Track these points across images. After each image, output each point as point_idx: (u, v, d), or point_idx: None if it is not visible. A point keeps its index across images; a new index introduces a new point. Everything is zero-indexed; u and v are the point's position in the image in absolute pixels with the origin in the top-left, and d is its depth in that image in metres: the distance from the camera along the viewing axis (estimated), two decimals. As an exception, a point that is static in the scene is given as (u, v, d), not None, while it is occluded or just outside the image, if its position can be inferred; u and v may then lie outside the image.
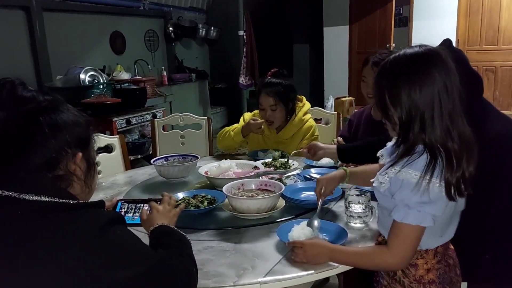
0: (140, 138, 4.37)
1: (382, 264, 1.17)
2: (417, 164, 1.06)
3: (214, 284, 1.14)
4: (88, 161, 1.04)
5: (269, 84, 2.32)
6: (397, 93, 1.09)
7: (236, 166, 1.89)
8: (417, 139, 1.08)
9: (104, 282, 0.85)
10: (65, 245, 0.84)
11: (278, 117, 2.35)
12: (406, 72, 1.09)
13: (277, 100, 2.30)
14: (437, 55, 1.10)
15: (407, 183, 1.06)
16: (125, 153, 2.45)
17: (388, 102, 1.12)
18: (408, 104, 1.08)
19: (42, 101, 0.97)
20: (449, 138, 1.07)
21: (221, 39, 7.15)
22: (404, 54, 1.12)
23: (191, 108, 5.75)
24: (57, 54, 4.55)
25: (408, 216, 1.07)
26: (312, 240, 1.24)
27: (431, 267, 1.17)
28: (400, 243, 1.10)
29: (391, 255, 1.11)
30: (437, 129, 1.06)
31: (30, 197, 0.88)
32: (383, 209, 1.21)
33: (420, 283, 1.18)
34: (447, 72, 1.08)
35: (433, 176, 1.04)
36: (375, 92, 1.18)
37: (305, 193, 1.67)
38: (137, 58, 5.70)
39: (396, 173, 1.09)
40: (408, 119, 1.09)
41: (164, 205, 1.30)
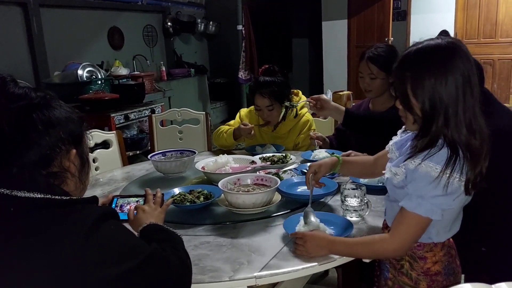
0: (139, 134, 4.37)
1: (380, 250, 1.17)
2: (438, 157, 1.06)
3: (210, 279, 1.14)
4: (82, 158, 1.04)
5: (263, 84, 2.28)
6: (422, 85, 1.07)
7: (233, 161, 1.89)
8: (440, 133, 1.07)
9: (98, 277, 0.85)
10: (58, 241, 0.84)
11: (275, 115, 2.35)
12: (431, 63, 1.08)
13: (273, 100, 2.28)
14: (459, 47, 1.09)
15: (427, 175, 1.06)
16: (123, 149, 2.45)
17: (411, 94, 1.10)
18: (433, 95, 1.07)
19: (34, 97, 0.97)
20: (471, 135, 1.06)
21: (220, 33, 7.12)
22: (427, 45, 1.11)
23: (190, 103, 5.74)
24: (55, 50, 4.54)
25: (420, 207, 1.07)
26: (312, 232, 1.25)
27: (438, 260, 1.18)
28: (403, 231, 1.11)
29: (392, 241, 1.12)
30: (462, 124, 1.06)
31: (23, 194, 0.88)
32: (393, 202, 1.20)
33: (427, 275, 1.18)
34: (470, 64, 1.07)
35: (454, 171, 1.04)
36: (396, 84, 1.17)
37: (301, 187, 1.67)
38: (135, 54, 5.68)
39: (416, 165, 1.08)
40: (432, 111, 1.07)
41: (149, 204, 1.30)
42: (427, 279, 1.18)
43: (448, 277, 1.19)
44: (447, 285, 1.18)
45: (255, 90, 2.31)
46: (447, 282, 1.18)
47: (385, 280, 1.27)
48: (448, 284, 1.18)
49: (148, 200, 1.32)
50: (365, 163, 1.50)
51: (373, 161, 1.46)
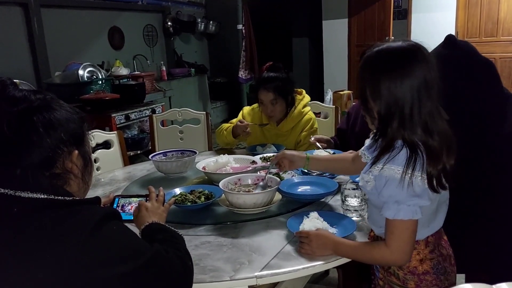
0: (139, 134, 4.37)
1: (382, 260, 1.18)
2: (398, 159, 1.07)
3: (211, 278, 1.15)
4: (85, 158, 1.04)
5: (267, 79, 2.32)
6: (377, 87, 1.09)
7: (233, 161, 1.90)
8: (396, 135, 1.09)
9: (100, 277, 0.85)
10: (61, 241, 0.85)
11: (278, 110, 2.36)
12: (387, 66, 1.10)
13: (277, 95, 2.31)
14: (419, 51, 1.10)
15: (392, 179, 1.07)
16: (124, 149, 2.46)
17: (369, 95, 1.12)
18: (387, 98, 1.08)
19: (34, 100, 0.97)
20: (428, 136, 1.08)
21: (220, 33, 7.13)
22: (387, 48, 1.12)
23: (191, 103, 5.75)
24: (56, 50, 4.55)
25: (399, 212, 1.08)
26: (317, 231, 1.26)
27: (423, 258, 1.18)
28: (396, 239, 1.11)
29: (390, 252, 1.12)
30: (417, 126, 1.07)
31: (26, 194, 0.89)
32: (371, 205, 1.22)
33: (414, 275, 1.18)
34: (428, 68, 1.08)
35: (415, 170, 1.05)
36: (358, 85, 1.19)
37: (301, 187, 1.67)
38: (136, 54, 5.68)
39: (379, 170, 1.09)
40: (387, 113, 1.09)
41: (152, 202, 1.31)
42: (414, 278, 1.19)
43: (438, 277, 1.19)
44: (437, 284, 1.18)
45: (260, 85, 2.34)
46: (437, 282, 1.18)
47: (377, 280, 1.28)
48: (439, 284, 1.19)
49: (151, 198, 1.33)
50: (341, 160, 1.54)
51: (351, 159, 1.49)
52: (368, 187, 1.14)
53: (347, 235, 1.29)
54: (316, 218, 1.37)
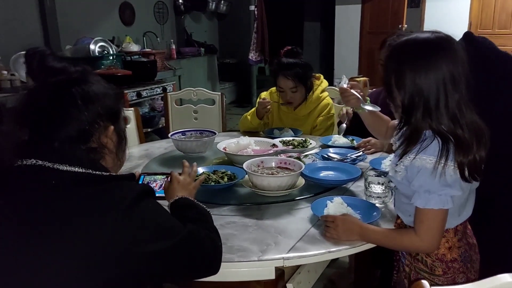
0: (150, 112, 4.36)
1: (412, 247, 1.19)
2: (430, 149, 1.08)
3: (239, 258, 1.16)
4: (119, 134, 1.04)
5: (287, 66, 2.28)
6: (402, 77, 1.10)
7: (254, 144, 1.90)
8: (421, 125, 1.09)
9: (134, 253, 0.86)
10: (98, 216, 0.85)
11: (298, 97, 2.35)
12: (414, 57, 1.10)
13: (297, 82, 2.29)
14: (447, 43, 1.10)
15: (424, 169, 1.08)
16: (140, 126, 2.46)
17: (394, 84, 1.13)
18: (411, 89, 1.09)
19: (73, 72, 0.96)
20: (457, 126, 1.08)
21: (231, 13, 7.05)
22: (415, 38, 1.13)
23: (200, 83, 5.72)
24: (67, 23, 4.51)
25: (430, 201, 1.08)
26: (344, 216, 1.27)
27: (452, 246, 1.19)
28: (427, 228, 1.12)
29: (420, 239, 1.13)
30: (444, 116, 1.08)
31: (64, 167, 0.89)
32: (400, 195, 1.23)
33: (442, 262, 1.19)
34: (455, 61, 1.08)
35: (448, 159, 1.06)
36: (383, 73, 1.18)
37: (324, 172, 1.68)
38: (146, 30, 5.64)
39: (411, 160, 1.10)
40: (410, 103, 1.10)
41: (185, 176, 1.31)
42: (442, 266, 1.20)
43: (465, 264, 1.20)
44: (464, 272, 1.20)
45: (278, 71, 2.30)
46: (464, 269, 1.20)
47: (403, 266, 1.29)
48: (465, 271, 1.20)
49: (184, 172, 1.33)
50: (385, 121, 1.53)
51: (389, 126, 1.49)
52: (399, 177, 1.15)
53: (371, 222, 1.29)
54: (340, 203, 1.38)
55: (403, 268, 1.30)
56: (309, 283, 1.37)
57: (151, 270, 0.92)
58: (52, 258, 0.82)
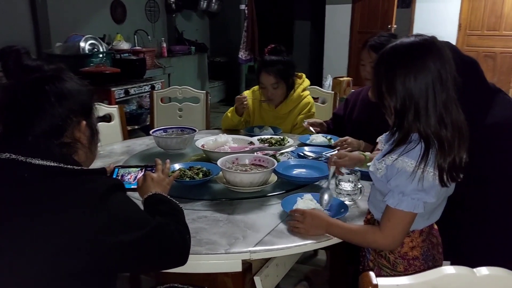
0: (138, 109, 4.39)
1: (373, 243, 1.23)
2: (413, 153, 1.11)
3: (207, 251, 1.20)
4: (92, 129, 1.09)
5: (269, 62, 2.34)
6: (392, 82, 1.12)
7: (232, 141, 1.94)
8: (412, 128, 1.12)
9: (105, 243, 0.90)
10: (70, 208, 0.90)
11: (279, 94, 2.39)
12: (402, 62, 1.12)
13: (278, 78, 2.33)
14: (433, 45, 1.13)
15: (403, 171, 1.11)
16: (124, 123, 2.49)
17: (384, 90, 1.16)
18: (403, 93, 1.11)
19: (47, 70, 1.01)
20: (442, 126, 1.10)
21: (222, 12, 7.08)
22: (400, 43, 1.15)
23: (189, 81, 5.75)
24: (58, 20, 4.52)
25: (402, 203, 1.11)
26: (312, 210, 1.31)
27: (415, 245, 1.23)
28: (391, 227, 1.15)
29: (383, 236, 1.17)
30: (431, 118, 1.10)
31: (37, 161, 0.93)
32: (376, 190, 1.26)
33: (404, 259, 1.24)
34: (442, 61, 1.11)
35: (427, 165, 1.08)
36: (373, 80, 1.22)
37: (296, 170, 1.72)
38: (137, 28, 5.66)
39: (393, 161, 1.13)
40: (402, 107, 1.12)
41: (158, 173, 1.35)
42: (404, 263, 1.24)
43: (427, 263, 1.24)
44: (425, 269, 1.23)
45: (261, 68, 2.35)
46: (425, 267, 1.23)
47: (367, 262, 1.33)
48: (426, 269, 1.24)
49: (157, 169, 1.37)
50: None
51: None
52: (379, 174, 1.18)
53: (339, 217, 1.34)
54: (309, 199, 1.42)
55: (367, 264, 1.34)
56: (277, 277, 1.41)
57: (120, 260, 0.96)
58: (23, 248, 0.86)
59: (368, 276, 0.84)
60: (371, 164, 1.24)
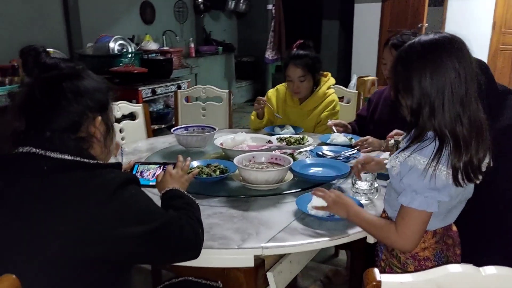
0: (164, 108, 4.48)
1: (387, 239, 1.20)
2: (426, 150, 1.09)
3: (220, 246, 1.22)
4: (107, 124, 1.13)
5: (297, 56, 2.37)
6: (409, 80, 1.11)
7: (250, 140, 1.96)
8: (427, 125, 1.11)
9: (116, 236, 0.94)
10: (84, 199, 0.94)
11: (305, 87, 2.41)
12: (418, 60, 1.11)
13: (306, 71, 2.37)
14: (452, 43, 1.11)
15: (415, 168, 1.10)
16: (148, 122, 2.55)
17: (401, 88, 1.15)
18: (418, 92, 1.10)
19: (63, 68, 1.06)
20: (458, 123, 1.08)
21: (250, 12, 7.12)
22: (418, 41, 1.14)
23: (216, 81, 5.82)
24: (89, 22, 4.67)
25: (414, 201, 1.10)
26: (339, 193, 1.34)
27: (428, 246, 1.22)
28: (405, 226, 1.13)
29: (397, 235, 1.15)
30: (447, 116, 1.08)
31: (55, 155, 0.98)
32: (391, 188, 1.25)
33: (415, 259, 1.22)
34: (460, 59, 1.09)
35: (439, 163, 1.07)
36: (391, 78, 1.21)
37: (313, 168, 1.72)
38: (165, 29, 5.77)
39: (405, 158, 1.12)
40: (418, 106, 1.11)
41: (178, 170, 1.39)
42: (415, 263, 1.22)
43: (439, 264, 1.22)
44: None
45: (289, 60, 2.39)
46: None
47: (380, 261, 1.33)
48: None
49: (177, 166, 1.41)
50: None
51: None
52: (393, 172, 1.17)
53: None
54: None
55: (379, 263, 1.34)
56: (290, 274, 1.42)
57: (131, 251, 1.00)
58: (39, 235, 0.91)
59: (372, 272, 0.84)
60: (388, 162, 1.23)
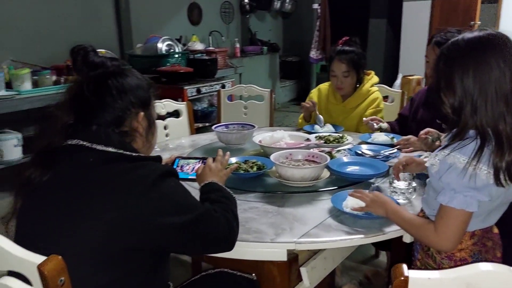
0: (209, 107, 4.57)
1: (426, 239, 1.19)
2: (466, 149, 1.07)
3: (254, 239, 1.25)
4: (149, 120, 1.20)
5: (343, 51, 2.38)
6: (451, 78, 1.10)
7: (288, 137, 1.99)
8: (469, 123, 1.09)
9: (154, 225, 1.00)
10: (126, 189, 1.00)
11: (348, 83, 2.41)
12: (461, 57, 1.10)
13: (350, 67, 2.37)
14: (497, 40, 1.08)
15: (454, 167, 1.08)
16: (191, 119, 2.63)
17: (443, 86, 1.13)
18: (461, 90, 1.09)
19: (109, 66, 1.14)
20: (501, 121, 1.06)
21: (296, 12, 7.12)
22: (462, 38, 1.12)
23: (260, 81, 5.87)
24: (139, 23, 4.85)
25: (453, 200, 1.08)
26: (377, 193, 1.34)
27: (464, 247, 1.19)
28: (444, 225, 1.11)
29: (436, 234, 1.13)
30: (490, 114, 1.06)
31: (100, 147, 1.06)
32: (430, 187, 1.23)
33: (451, 260, 1.20)
34: (505, 57, 1.06)
35: (480, 162, 1.05)
36: (433, 75, 1.20)
37: (350, 167, 1.72)
38: (212, 30, 5.88)
39: (445, 156, 1.10)
40: (460, 104, 1.10)
41: (217, 164, 1.44)
42: (450, 264, 1.20)
43: None
44: None
45: (334, 56, 2.40)
46: None
47: (415, 261, 1.31)
48: None
49: (217, 160, 1.46)
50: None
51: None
52: (433, 170, 1.16)
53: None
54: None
55: (415, 263, 1.32)
56: (324, 270, 1.43)
57: (168, 240, 1.05)
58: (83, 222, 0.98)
59: (400, 267, 0.84)
60: (428, 159, 1.22)
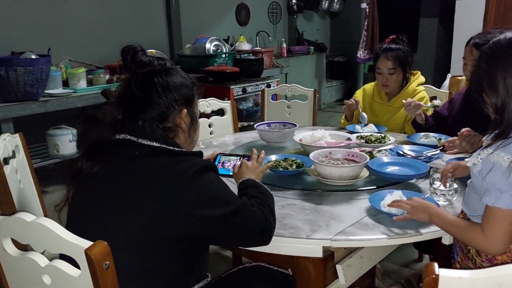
0: (254, 106, 4.64)
1: (473, 241, 1.16)
2: (510, 147, 1.06)
3: (290, 234, 1.28)
4: (192, 117, 1.26)
5: (389, 48, 2.37)
6: (493, 77, 1.09)
7: (329, 136, 2.00)
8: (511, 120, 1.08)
9: (192, 216, 1.06)
10: (168, 181, 1.07)
11: (394, 81, 2.40)
12: (503, 56, 1.08)
13: (396, 64, 2.35)
14: None
15: (498, 166, 1.06)
16: (235, 117, 2.70)
17: (485, 86, 1.12)
18: (503, 89, 1.07)
19: (156, 65, 1.21)
20: None
21: (344, 12, 7.05)
22: (504, 37, 1.11)
23: (306, 81, 5.87)
24: (188, 24, 5.00)
25: (499, 200, 1.06)
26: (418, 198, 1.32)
27: (507, 251, 1.16)
28: (491, 227, 1.10)
29: (484, 237, 1.11)
30: None
31: (145, 141, 1.13)
32: (471, 188, 1.21)
33: (491, 263, 1.18)
34: None
35: None
36: (474, 75, 1.19)
37: (391, 167, 1.71)
38: (259, 30, 5.96)
39: (488, 154, 1.09)
40: (503, 103, 1.09)
41: (253, 162, 1.49)
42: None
43: None
44: None
45: (380, 53, 2.39)
46: None
47: (455, 263, 1.29)
48: None
49: (252, 158, 1.52)
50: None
51: None
52: (475, 170, 1.15)
53: None
54: (399, 196, 1.40)
55: (455, 265, 1.31)
56: (360, 269, 1.44)
57: (205, 232, 1.11)
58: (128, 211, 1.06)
59: (432, 266, 0.84)
60: (469, 159, 1.20)
